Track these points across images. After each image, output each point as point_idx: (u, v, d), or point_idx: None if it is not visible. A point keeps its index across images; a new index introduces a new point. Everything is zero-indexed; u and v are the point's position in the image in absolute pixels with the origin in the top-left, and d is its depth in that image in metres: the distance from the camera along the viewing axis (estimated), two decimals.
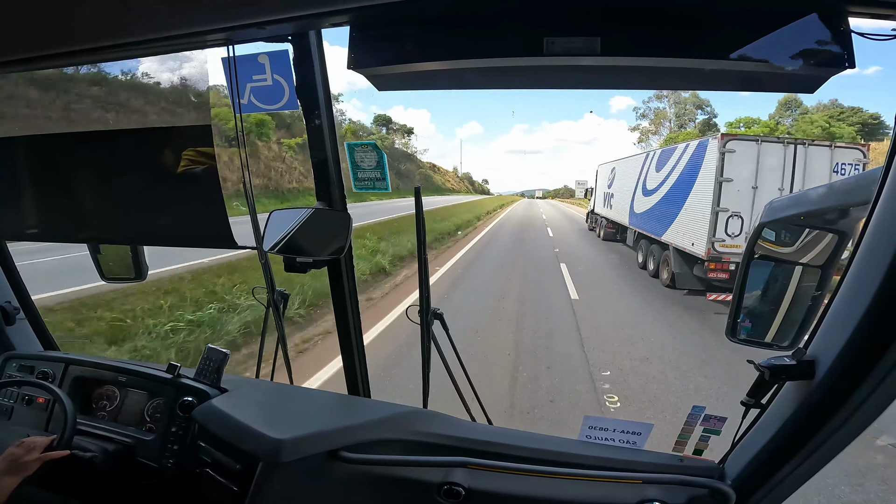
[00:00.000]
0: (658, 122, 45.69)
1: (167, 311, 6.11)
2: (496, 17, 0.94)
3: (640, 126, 47.79)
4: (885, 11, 0.75)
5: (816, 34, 0.81)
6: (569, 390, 4.55)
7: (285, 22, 1.02)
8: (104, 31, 1.11)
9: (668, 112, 44.40)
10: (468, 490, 1.23)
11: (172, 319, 5.82)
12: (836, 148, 7.69)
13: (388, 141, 57.57)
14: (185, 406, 1.48)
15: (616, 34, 0.89)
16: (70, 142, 1.56)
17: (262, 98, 1.27)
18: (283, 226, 1.35)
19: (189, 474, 1.40)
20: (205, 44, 1.15)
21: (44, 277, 6.51)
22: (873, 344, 0.83)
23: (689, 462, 1.26)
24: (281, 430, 1.23)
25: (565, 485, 1.24)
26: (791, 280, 1.04)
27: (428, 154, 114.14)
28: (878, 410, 0.92)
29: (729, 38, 0.85)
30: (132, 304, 6.25)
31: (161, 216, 1.48)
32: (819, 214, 0.99)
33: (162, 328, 5.58)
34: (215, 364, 1.55)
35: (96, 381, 1.67)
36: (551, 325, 6.69)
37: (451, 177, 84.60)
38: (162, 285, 6.99)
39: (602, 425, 1.33)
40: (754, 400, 1.06)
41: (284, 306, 1.70)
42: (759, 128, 31.78)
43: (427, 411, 1.47)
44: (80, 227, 1.65)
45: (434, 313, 1.51)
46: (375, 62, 1.03)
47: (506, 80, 1.09)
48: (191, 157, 1.29)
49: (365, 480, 1.30)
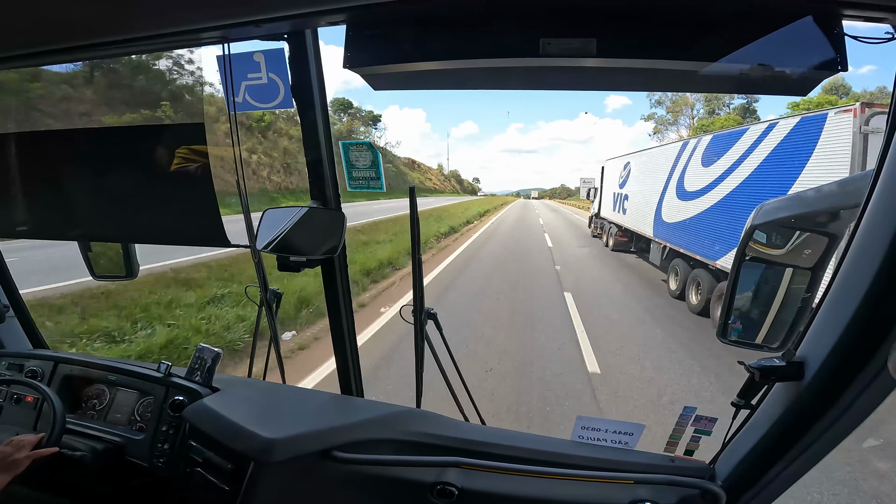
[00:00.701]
0: (677, 111, 40.56)
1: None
2: (493, 17, 0.94)
3: (654, 115, 42.72)
4: (878, 14, 0.76)
5: (810, 37, 0.81)
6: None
7: (281, 20, 1.02)
8: (100, 28, 1.10)
9: (689, 98, 38.87)
10: (461, 490, 1.23)
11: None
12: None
13: (343, 127, 54.16)
14: (176, 405, 1.47)
15: (612, 36, 0.89)
16: (62, 139, 1.54)
17: (256, 96, 1.26)
18: (276, 224, 1.34)
19: (180, 474, 1.39)
20: (200, 41, 1.15)
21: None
22: (862, 346, 0.84)
23: (680, 462, 1.27)
24: (273, 430, 1.22)
25: (558, 485, 1.24)
26: (781, 282, 1.05)
27: (406, 149, 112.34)
28: (867, 412, 0.93)
29: (723, 41, 0.85)
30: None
31: (153, 214, 1.47)
32: (810, 217, 1.00)
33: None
34: (207, 363, 1.54)
35: (86, 380, 1.66)
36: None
37: (434, 174, 78.07)
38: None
39: (594, 426, 1.34)
40: (744, 401, 1.07)
41: (277, 305, 1.69)
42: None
43: (420, 411, 1.46)
44: (72, 224, 1.64)
45: (428, 313, 1.51)
46: (371, 62, 1.02)
47: (502, 80, 1.09)
48: (184, 155, 1.29)
49: (358, 480, 1.29)
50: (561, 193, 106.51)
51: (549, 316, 6.77)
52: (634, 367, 4.95)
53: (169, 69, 18.87)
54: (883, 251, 0.78)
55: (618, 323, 6.56)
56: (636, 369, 4.89)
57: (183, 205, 1.40)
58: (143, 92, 17.75)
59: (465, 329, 6.01)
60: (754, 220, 1.02)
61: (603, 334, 5.95)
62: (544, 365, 4.93)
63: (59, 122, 15.39)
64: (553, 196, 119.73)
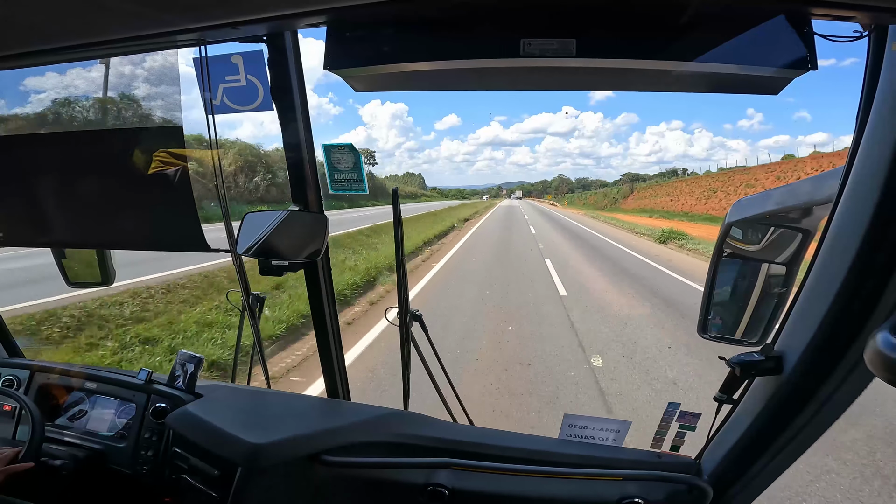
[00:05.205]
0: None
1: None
2: (474, 18, 0.95)
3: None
4: (846, 13, 0.78)
5: (781, 36, 0.83)
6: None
7: (260, 22, 1.00)
8: (72, 31, 1.07)
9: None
10: (452, 490, 1.23)
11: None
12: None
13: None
14: (158, 412, 1.45)
15: (591, 36, 0.90)
16: (35, 143, 1.50)
17: (235, 99, 1.24)
18: (257, 228, 1.33)
19: (166, 481, 1.37)
20: (176, 44, 1.13)
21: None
22: (838, 339, 0.86)
23: (666, 458, 1.28)
24: (259, 435, 1.20)
25: (548, 483, 1.25)
26: (758, 277, 1.07)
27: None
28: (846, 404, 0.96)
29: (698, 42, 0.87)
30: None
31: (130, 219, 1.44)
32: (784, 213, 1.02)
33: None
34: (189, 369, 1.52)
35: (64, 388, 1.63)
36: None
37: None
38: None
39: (581, 423, 1.35)
40: (727, 395, 1.09)
41: (260, 310, 1.67)
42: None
43: (408, 413, 1.46)
44: (44, 230, 1.59)
45: (413, 315, 1.50)
46: (353, 63, 1.02)
47: (483, 81, 1.10)
48: (162, 159, 1.26)
49: (347, 484, 1.28)
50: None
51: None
52: None
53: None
54: (856, 245, 0.80)
55: None
56: None
57: (161, 209, 1.37)
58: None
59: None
60: (730, 216, 1.04)
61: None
62: None
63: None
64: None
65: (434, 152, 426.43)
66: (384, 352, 5.40)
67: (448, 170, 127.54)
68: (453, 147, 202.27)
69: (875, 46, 0.80)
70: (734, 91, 1.01)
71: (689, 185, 50.31)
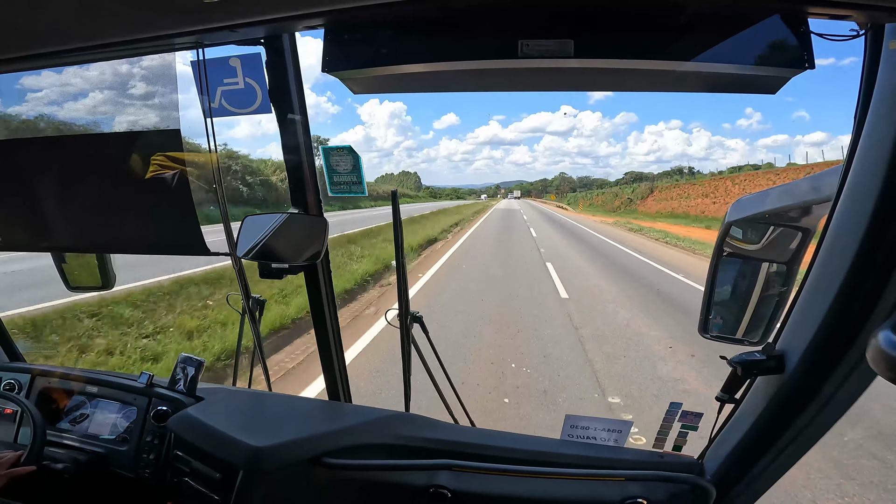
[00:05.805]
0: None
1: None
2: (472, 20, 0.95)
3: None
4: (842, 12, 0.78)
5: (778, 36, 0.83)
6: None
7: (258, 25, 1.00)
8: (71, 34, 1.07)
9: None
10: (454, 492, 1.22)
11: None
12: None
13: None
14: (160, 415, 1.45)
15: (589, 37, 0.90)
16: (33, 147, 1.50)
17: (233, 102, 1.24)
18: (257, 231, 1.32)
19: (168, 484, 1.37)
20: (174, 47, 1.13)
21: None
22: (839, 338, 0.86)
23: (669, 458, 1.28)
24: (260, 438, 1.20)
25: (550, 484, 1.25)
26: (759, 276, 1.07)
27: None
28: (848, 403, 0.95)
29: (695, 42, 0.87)
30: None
31: (129, 223, 1.44)
32: (783, 212, 1.02)
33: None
34: (190, 372, 1.52)
35: (65, 392, 1.63)
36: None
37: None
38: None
39: (583, 424, 1.34)
40: (729, 395, 1.08)
41: (260, 313, 1.66)
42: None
43: (409, 415, 1.46)
44: (44, 235, 1.59)
45: (413, 317, 1.50)
46: (351, 65, 1.02)
47: (482, 82, 1.10)
48: (160, 162, 1.26)
49: (349, 486, 1.28)
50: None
51: None
52: None
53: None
54: (856, 243, 0.80)
55: None
56: None
57: (160, 212, 1.37)
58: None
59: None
60: (730, 215, 1.04)
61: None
62: None
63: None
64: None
65: (433, 151, 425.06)
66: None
67: (446, 169, 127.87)
68: (452, 146, 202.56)
69: (872, 45, 0.80)
70: (732, 90, 1.01)
71: (736, 183, 33.95)
